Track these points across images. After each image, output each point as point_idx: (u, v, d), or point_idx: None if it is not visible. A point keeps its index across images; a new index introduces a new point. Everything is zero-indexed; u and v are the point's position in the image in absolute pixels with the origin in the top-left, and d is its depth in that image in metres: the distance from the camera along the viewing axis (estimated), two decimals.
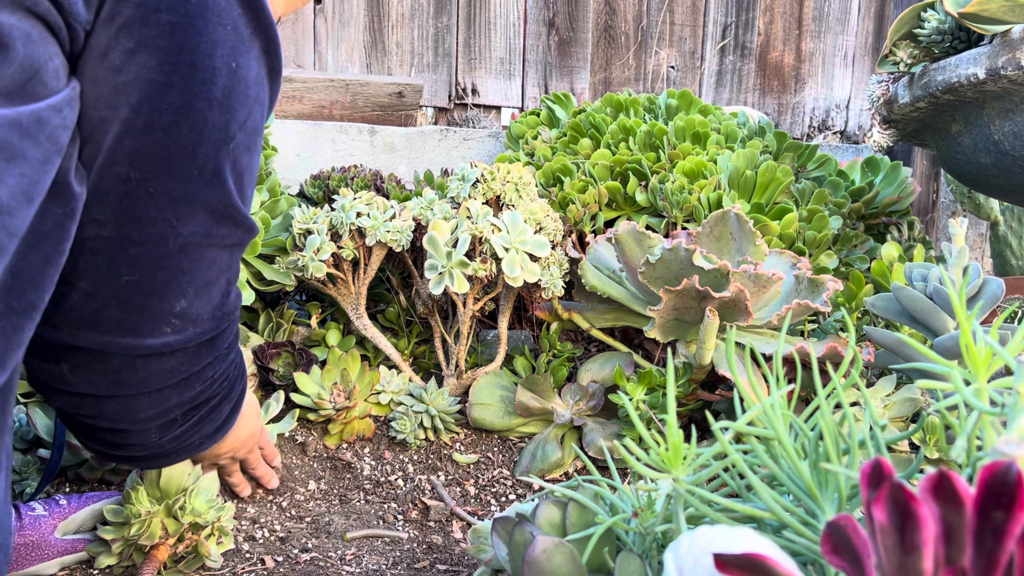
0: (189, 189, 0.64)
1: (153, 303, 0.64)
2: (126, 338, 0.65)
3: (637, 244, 1.23)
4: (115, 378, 0.67)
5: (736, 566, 0.41)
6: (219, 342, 0.72)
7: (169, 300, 0.65)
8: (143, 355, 0.66)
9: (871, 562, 0.39)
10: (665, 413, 1.11)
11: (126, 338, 0.65)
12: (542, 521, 0.71)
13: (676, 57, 2.37)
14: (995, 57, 1.13)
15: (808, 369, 1.15)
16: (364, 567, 0.98)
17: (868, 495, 0.40)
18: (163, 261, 0.64)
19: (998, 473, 0.37)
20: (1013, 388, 0.47)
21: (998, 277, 1.09)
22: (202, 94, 0.62)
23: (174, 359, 0.67)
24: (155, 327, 0.65)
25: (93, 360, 0.66)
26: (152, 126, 0.61)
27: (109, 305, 0.63)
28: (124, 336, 0.65)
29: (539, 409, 1.26)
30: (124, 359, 0.66)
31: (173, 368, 0.68)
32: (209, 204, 0.65)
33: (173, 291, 0.65)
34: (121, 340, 0.65)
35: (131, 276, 0.63)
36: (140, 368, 0.66)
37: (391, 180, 1.56)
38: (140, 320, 0.64)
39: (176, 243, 0.64)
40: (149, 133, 0.61)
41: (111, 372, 0.66)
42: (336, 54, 2.18)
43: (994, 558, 0.37)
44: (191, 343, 0.68)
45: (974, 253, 2.31)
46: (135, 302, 0.64)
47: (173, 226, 0.63)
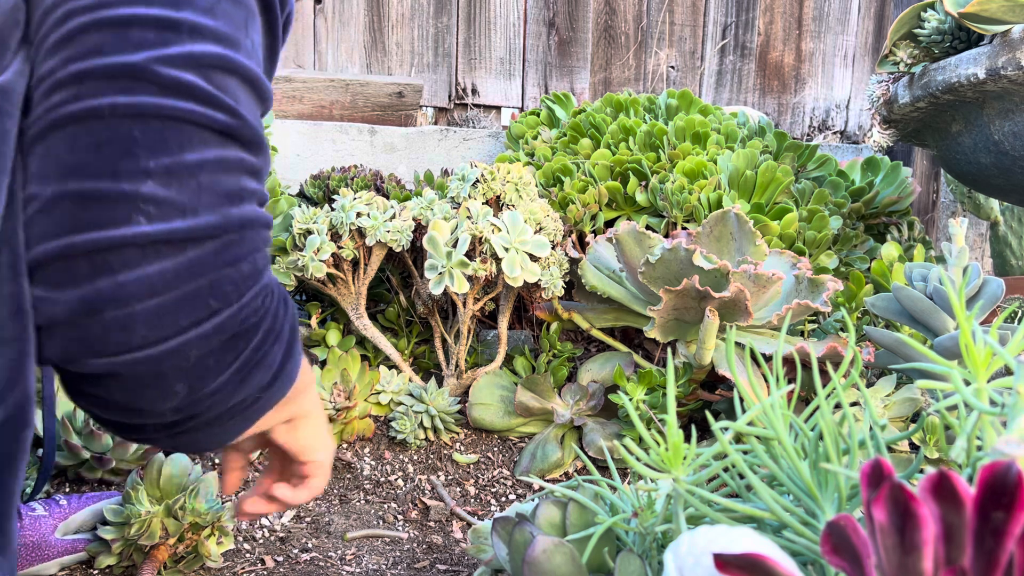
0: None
1: (105, 185, 0.53)
2: (89, 232, 0.54)
3: (637, 244, 1.23)
4: (92, 289, 0.54)
5: (736, 566, 0.41)
6: (229, 252, 0.57)
7: (126, 179, 0.53)
8: (115, 246, 0.53)
9: (871, 562, 0.39)
10: (665, 413, 1.11)
11: (89, 232, 0.54)
12: (542, 521, 0.71)
13: (676, 57, 2.37)
14: (995, 57, 1.13)
15: (808, 369, 1.15)
16: (364, 567, 0.98)
17: (868, 495, 0.40)
18: (103, 133, 0.53)
19: (998, 473, 0.37)
20: (1013, 388, 0.47)
21: (998, 277, 1.09)
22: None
23: (161, 259, 0.54)
24: (120, 213, 0.53)
25: (59, 270, 0.55)
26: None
27: (61, 202, 0.54)
28: (86, 231, 0.54)
29: (539, 409, 1.26)
30: (92, 261, 0.54)
31: (164, 272, 0.54)
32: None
33: (128, 167, 0.53)
34: (85, 236, 0.54)
35: (72, 157, 0.54)
36: (118, 268, 0.53)
37: (391, 180, 1.56)
38: (100, 209, 0.54)
39: (114, 111, 0.53)
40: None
41: (81, 277, 0.54)
42: (336, 54, 2.18)
43: (994, 558, 0.37)
44: (177, 237, 0.54)
45: (974, 253, 2.31)
46: (86, 189, 0.54)
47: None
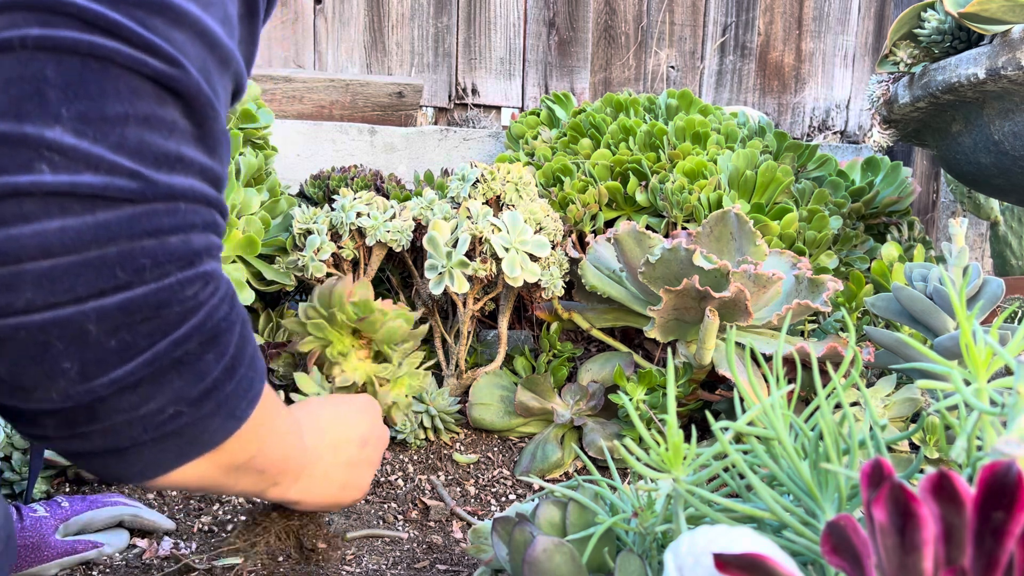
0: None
1: (6, 126, 0.45)
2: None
3: (637, 244, 1.23)
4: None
5: (736, 566, 0.41)
6: (151, 221, 0.48)
7: (30, 122, 0.45)
8: (9, 195, 0.45)
9: (871, 562, 0.39)
10: (665, 413, 1.11)
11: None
12: (542, 521, 0.71)
13: (676, 57, 2.37)
14: (995, 57, 1.13)
15: (808, 369, 1.15)
16: (364, 567, 0.98)
17: (868, 495, 0.40)
18: (12, 68, 0.46)
19: (998, 473, 0.37)
20: (1013, 388, 0.47)
21: (998, 277, 1.09)
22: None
23: (65, 216, 0.45)
24: (19, 159, 0.45)
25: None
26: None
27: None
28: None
29: (539, 409, 1.26)
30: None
31: (66, 231, 0.45)
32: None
33: (34, 109, 0.45)
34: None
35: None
36: (10, 220, 0.45)
37: (391, 180, 1.56)
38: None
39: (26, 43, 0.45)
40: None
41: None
42: (336, 54, 2.18)
43: (994, 558, 0.37)
44: (83, 192, 0.46)
45: (974, 253, 2.31)
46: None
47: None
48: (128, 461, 0.53)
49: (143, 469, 0.54)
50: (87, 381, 0.48)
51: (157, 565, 0.97)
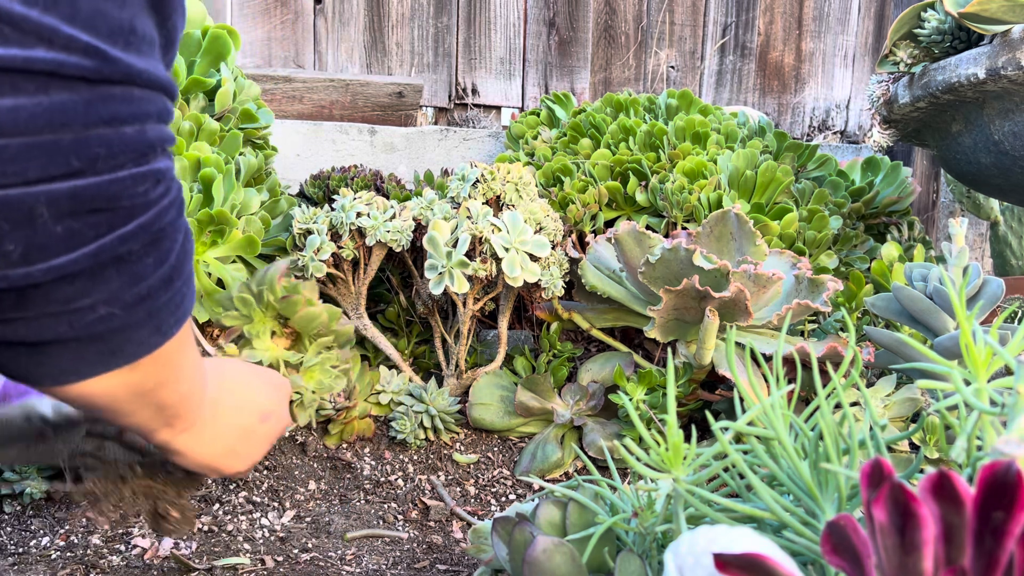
0: None
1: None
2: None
3: (637, 244, 1.23)
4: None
5: (736, 566, 0.41)
6: (107, 107, 0.46)
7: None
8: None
9: (871, 562, 0.39)
10: (665, 413, 1.11)
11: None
12: (542, 521, 0.71)
13: (676, 57, 2.37)
14: (995, 57, 1.13)
15: (808, 369, 1.15)
16: (364, 567, 0.98)
17: (868, 495, 0.40)
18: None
19: (998, 473, 0.37)
20: (1013, 388, 0.47)
21: (998, 277, 1.09)
22: None
23: (16, 94, 0.43)
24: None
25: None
26: None
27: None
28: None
29: (539, 409, 1.26)
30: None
31: (19, 110, 0.43)
32: None
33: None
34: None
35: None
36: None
37: (391, 180, 1.56)
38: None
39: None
40: None
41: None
42: (336, 54, 2.18)
43: (994, 558, 0.37)
44: (37, 68, 0.43)
45: (974, 253, 2.31)
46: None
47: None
48: (43, 359, 0.50)
49: (56, 372, 0.51)
50: (27, 265, 0.46)
51: (157, 565, 0.97)
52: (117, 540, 1.02)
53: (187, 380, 0.62)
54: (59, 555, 0.98)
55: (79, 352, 0.51)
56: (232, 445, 0.72)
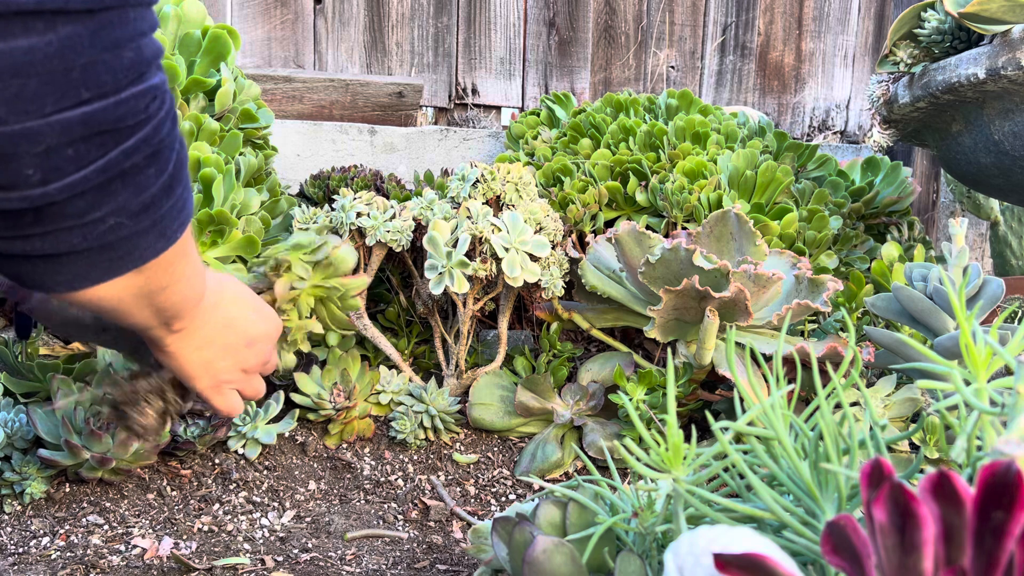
0: None
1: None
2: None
3: (637, 244, 1.23)
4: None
5: (736, 566, 0.41)
6: (109, 33, 0.49)
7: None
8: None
9: (871, 562, 0.39)
10: (665, 413, 1.11)
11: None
12: (542, 521, 0.71)
13: (676, 57, 2.37)
14: (995, 57, 1.13)
15: (808, 369, 1.15)
16: (364, 567, 0.98)
17: (868, 495, 0.40)
18: None
19: (998, 473, 0.37)
20: (1013, 388, 0.47)
21: (998, 277, 1.09)
22: None
23: (29, 35, 0.46)
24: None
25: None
26: None
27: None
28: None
29: (539, 409, 1.26)
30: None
31: (33, 50, 0.46)
32: None
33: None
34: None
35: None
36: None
37: (391, 180, 1.56)
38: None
39: None
40: None
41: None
42: (336, 54, 2.18)
43: (994, 558, 0.37)
44: (47, 7, 0.45)
45: (974, 253, 2.31)
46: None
47: None
48: (58, 268, 0.54)
49: (70, 279, 0.55)
50: (44, 185, 0.49)
51: (157, 565, 0.97)
52: (117, 540, 1.02)
53: (187, 284, 0.65)
54: (59, 555, 0.98)
55: (92, 260, 0.54)
56: (212, 358, 0.74)
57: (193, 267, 0.65)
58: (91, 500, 1.09)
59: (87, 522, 1.05)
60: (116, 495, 1.10)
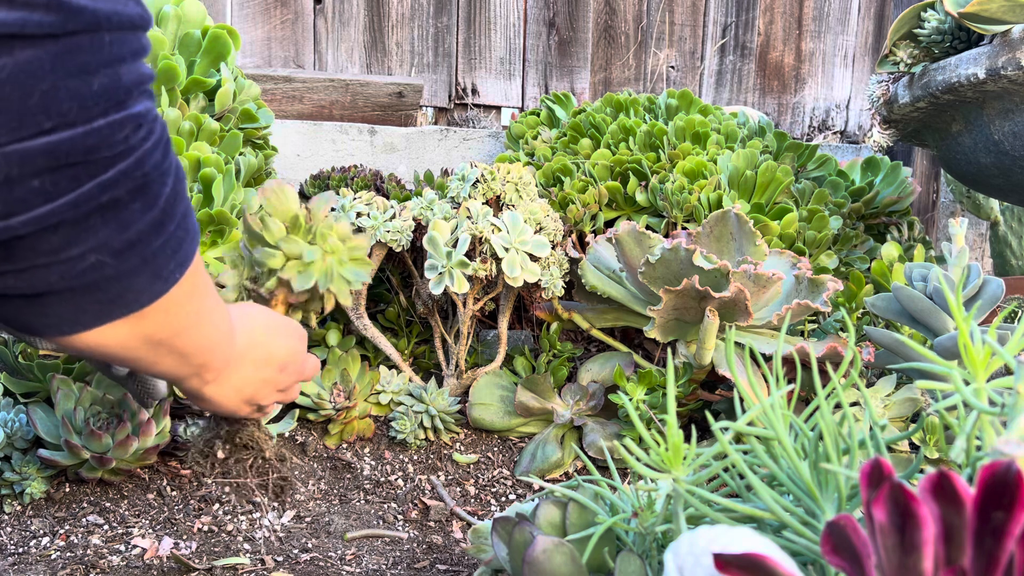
0: None
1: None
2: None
3: (637, 244, 1.23)
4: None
5: (736, 566, 0.41)
6: (75, 58, 0.44)
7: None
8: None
9: (871, 562, 0.39)
10: (665, 413, 1.11)
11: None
12: (542, 521, 0.71)
13: (676, 57, 2.37)
14: (995, 57, 1.13)
15: (808, 369, 1.15)
16: (364, 567, 0.98)
17: (868, 495, 0.40)
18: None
19: (998, 473, 0.37)
20: (1013, 388, 0.47)
21: (998, 277, 1.10)
22: None
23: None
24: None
25: None
26: None
27: None
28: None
29: (539, 409, 1.26)
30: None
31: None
32: None
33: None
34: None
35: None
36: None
37: (391, 180, 1.56)
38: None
39: None
40: None
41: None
42: (336, 54, 2.18)
43: (994, 558, 0.37)
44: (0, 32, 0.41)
45: (974, 253, 2.31)
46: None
47: None
48: (42, 310, 0.50)
49: (58, 322, 0.51)
50: (7, 219, 0.45)
51: (157, 565, 0.97)
52: (117, 540, 1.02)
53: (208, 328, 0.61)
54: (59, 555, 0.98)
55: (77, 302, 0.50)
56: (251, 394, 0.74)
57: (211, 309, 0.61)
58: (91, 500, 1.09)
59: (87, 522, 1.05)
60: (116, 495, 1.10)
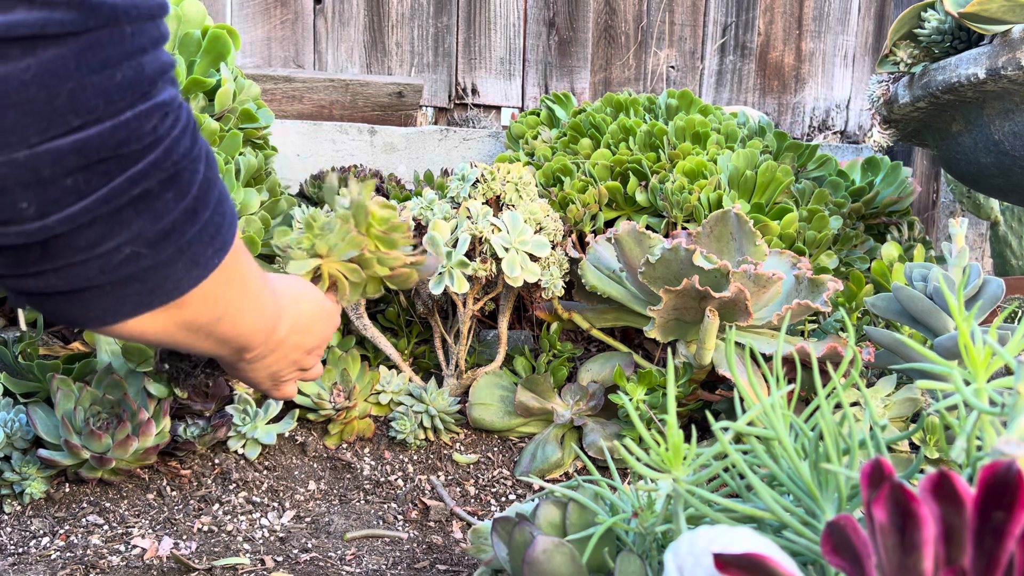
0: None
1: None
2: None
3: (637, 244, 1.23)
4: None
5: (736, 566, 0.41)
6: (97, 54, 0.44)
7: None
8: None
9: (871, 562, 0.39)
10: (665, 413, 1.11)
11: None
12: (542, 521, 0.71)
13: (676, 57, 2.36)
14: (995, 57, 1.13)
15: (808, 369, 1.15)
16: (364, 567, 0.98)
17: (868, 495, 0.40)
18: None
19: (998, 473, 0.37)
20: (1013, 388, 0.47)
21: (998, 277, 1.09)
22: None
23: (4, 62, 0.42)
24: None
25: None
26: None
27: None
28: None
29: (539, 409, 1.26)
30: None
31: (8, 79, 0.42)
32: None
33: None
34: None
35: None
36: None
37: (391, 180, 1.56)
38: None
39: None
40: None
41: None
42: (336, 54, 2.18)
43: (994, 558, 0.37)
44: (22, 34, 0.42)
45: (974, 253, 2.31)
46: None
47: None
48: (83, 304, 0.51)
49: (100, 314, 0.52)
50: (43, 218, 0.46)
51: (157, 565, 0.97)
52: (117, 540, 1.02)
53: (250, 316, 0.61)
54: (59, 555, 0.98)
55: (117, 294, 0.51)
56: (278, 371, 0.74)
57: (253, 296, 0.61)
58: (91, 500, 1.09)
59: (87, 522, 1.05)
60: (116, 495, 1.10)
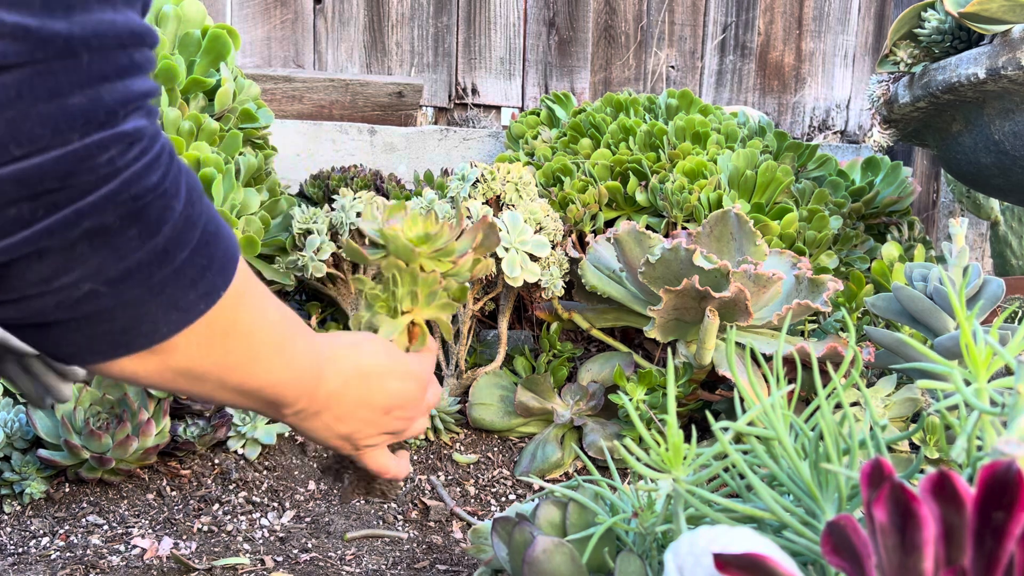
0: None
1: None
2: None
3: (637, 244, 1.23)
4: None
5: (736, 566, 0.41)
6: (44, 82, 0.42)
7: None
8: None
9: (871, 562, 0.39)
10: (665, 413, 1.11)
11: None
12: (542, 521, 0.71)
13: (676, 57, 2.36)
14: (995, 57, 1.13)
15: (808, 369, 1.15)
16: (364, 567, 0.98)
17: (868, 495, 0.40)
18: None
19: (998, 473, 0.37)
20: (1013, 388, 0.47)
21: (998, 277, 1.09)
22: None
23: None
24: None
25: None
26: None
27: None
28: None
29: (539, 409, 1.26)
30: None
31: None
32: None
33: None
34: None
35: None
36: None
37: (391, 180, 1.56)
38: None
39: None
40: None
41: None
42: (336, 54, 2.18)
43: (994, 558, 0.37)
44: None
45: (974, 253, 2.31)
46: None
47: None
48: (53, 339, 0.49)
49: (78, 351, 0.49)
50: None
51: (157, 565, 0.97)
52: (117, 540, 1.02)
53: (272, 365, 0.57)
54: (59, 555, 0.98)
55: (85, 332, 0.48)
56: (349, 433, 0.69)
57: (272, 346, 0.57)
58: (91, 500, 1.09)
59: (87, 522, 1.05)
60: (116, 495, 1.10)
